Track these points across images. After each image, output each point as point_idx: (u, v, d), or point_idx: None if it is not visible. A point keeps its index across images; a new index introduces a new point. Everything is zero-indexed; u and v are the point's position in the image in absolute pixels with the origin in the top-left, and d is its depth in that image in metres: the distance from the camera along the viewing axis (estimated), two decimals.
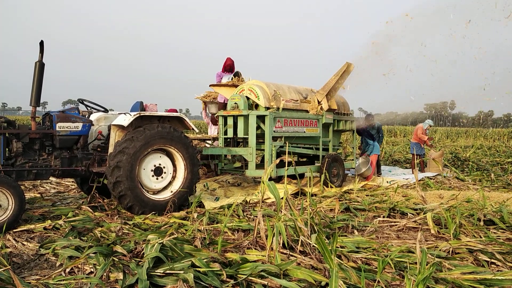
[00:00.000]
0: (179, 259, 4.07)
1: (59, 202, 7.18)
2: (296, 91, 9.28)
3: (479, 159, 16.43)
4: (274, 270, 3.82)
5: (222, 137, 8.83)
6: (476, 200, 7.05)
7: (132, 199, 6.11)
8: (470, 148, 22.60)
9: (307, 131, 9.10)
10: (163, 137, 6.39)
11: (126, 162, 6.03)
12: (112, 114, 6.93)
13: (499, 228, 5.75)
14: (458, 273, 3.94)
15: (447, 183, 10.15)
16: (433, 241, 5.17)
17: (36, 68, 5.85)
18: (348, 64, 9.13)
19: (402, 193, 8.32)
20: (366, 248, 4.73)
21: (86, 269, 4.00)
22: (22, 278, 3.78)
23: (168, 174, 6.63)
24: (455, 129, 49.02)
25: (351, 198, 7.93)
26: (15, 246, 4.75)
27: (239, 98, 8.47)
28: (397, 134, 44.63)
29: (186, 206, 6.70)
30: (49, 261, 4.34)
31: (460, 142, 33.37)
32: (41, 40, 5.87)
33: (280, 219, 4.82)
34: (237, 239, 5.04)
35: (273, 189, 4.82)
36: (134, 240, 4.81)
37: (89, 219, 5.75)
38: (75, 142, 6.37)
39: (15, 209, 5.30)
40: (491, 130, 43.14)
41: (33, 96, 5.86)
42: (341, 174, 9.43)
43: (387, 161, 15.85)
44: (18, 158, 5.94)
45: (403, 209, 6.70)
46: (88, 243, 4.60)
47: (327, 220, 5.84)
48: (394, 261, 4.20)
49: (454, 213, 5.77)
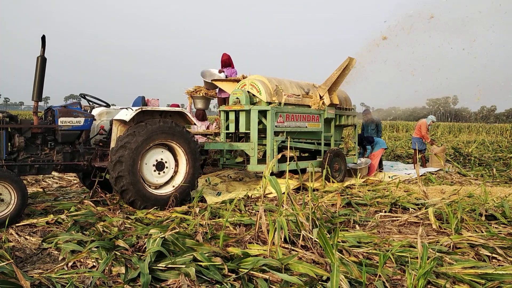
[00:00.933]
0: (181, 253, 4.09)
1: (61, 197, 7.21)
2: (298, 86, 9.26)
3: (481, 154, 16.40)
4: (276, 265, 3.83)
5: (224, 132, 8.83)
6: (477, 195, 7.05)
7: (134, 193, 6.12)
8: (473, 143, 22.55)
9: (309, 126, 9.09)
10: (164, 132, 6.39)
11: (128, 157, 6.04)
12: (114, 108, 6.94)
13: (501, 223, 5.75)
14: (459, 267, 3.94)
15: (449, 178, 10.14)
16: (435, 236, 5.18)
17: (38, 63, 5.86)
18: (350, 59, 9.09)
19: (403, 188, 8.32)
20: (367, 242, 4.74)
21: (89, 263, 4.02)
22: (25, 272, 3.80)
23: (170, 169, 6.64)
24: (457, 124, 48.90)
25: (353, 193, 7.94)
26: (18, 240, 4.78)
27: (241, 93, 8.46)
28: (399, 129, 44.53)
29: (188, 200, 6.72)
30: (51, 255, 4.36)
31: (463, 137, 33.29)
32: (43, 35, 5.88)
33: (281, 214, 4.83)
34: (239, 234, 5.05)
35: (275, 184, 4.83)
36: (136, 235, 4.83)
37: (91, 213, 5.77)
38: (77, 136, 6.38)
39: (17, 203, 5.32)
40: (496, 125, 43.02)
41: (35, 90, 5.86)
42: (342, 169, 9.42)
43: (389, 156, 15.83)
44: (21, 153, 5.95)
45: (404, 204, 6.70)
46: (90, 238, 4.62)
47: (328, 215, 5.85)
48: (395, 255, 4.21)
49: (456, 208, 5.77)
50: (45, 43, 5.87)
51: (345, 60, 9.07)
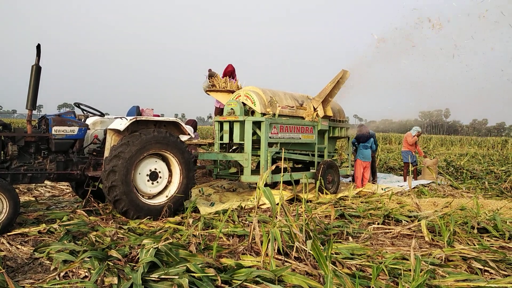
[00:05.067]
0: (174, 264, 4.07)
1: (53, 206, 7.16)
2: (292, 97, 9.32)
3: (473, 167, 16.53)
4: (269, 276, 3.83)
5: (218, 142, 8.84)
6: (470, 208, 7.10)
7: (127, 203, 6.10)
8: (465, 156, 22.73)
9: (302, 138, 9.13)
10: (159, 142, 6.39)
11: (122, 166, 6.02)
12: (108, 118, 6.93)
13: (493, 236, 5.79)
14: (452, 280, 3.96)
15: (441, 191, 10.20)
16: (427, 249, 5.20)
17: (32, 72, 5.86)
18: (344, 72, 9.18)
19: (396, 200, 8.35)
20: (360, 254, 4.75)
21: (81, 273, 3.99)
22: (16, 281, 3.76)
23: (163, 179, 6.63)
24: (449, 137, 49.29)
25: (346, 204, 7.95)
26: (9, 250, 4.73)
27: (235, 104, 8.50)
28: (392, 141, 44.79)
29: (181, 211, 6.70)
30: (43, 265, 4.32)
31: (455, 150, 33.55)
32: (38, 44, 5.88)
33: (275, 225, 4.83)
34: (232, 245, 5.04)
35: (269, 195, 4.84)
36: (129, 245, 4.80)
37: (84, 223, 5.73)
38: (70, 146, 6.36)
39: (9, 212, 5.28)
40: (488, 138, 43.35)
41: (29, 99, 5.86)
42: (336, 180, 9.46)
43: (382, 168, 15.92)
44: (13, 161, 5.92)
45: (397, 216, 6.73)
46: (82, 247, 4.59)
47: (322, 227, 5.86)
48: (389, 268, 4.22)
49: (448, 221, 5.81)
50: (40, 52, 5.87)
51: (339, 73, 9.16)
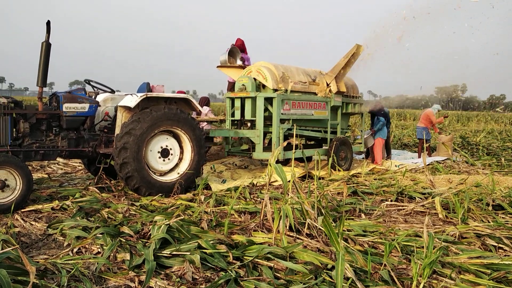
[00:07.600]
0: (186, 240, 4.08)
1: (66, 183, 7.23)
2: (304, 73, 9.16)
3: (490, 143, 16.23)
4: (281, 253, 3.82)
5: (229, 119, 8.78)
6: (485, 184, 6.98)
7: (139, 180, 6.12)
8: (481, 132, 22.35)
9: (315, 114, 9.02)
10: (169, 118, 6.36)
11: (133, 143, 6.02)
12: (119, 95, 6.90)
13: (508, 213, 5.69)
14: (465, 257, 3.91)
15: (456, 168, 10.06)
16: (441, 226, 5.14)
17: (42, 49, 5.83)
18: (357, 46, 8.97)
19: (410, 177, 8.26)
20: (373, 231, 4.71)
21: (93, 249, 4.03)
22: (31, 257, 3.81)
23: (175, 156, 6.62)
24: (466, 113, 48.47)
25: (359, 181, 7.89)
26: (23, 226, 4.80)
27: (246, 80, 8.39)
28: (407, 118, 44.21)
29: (193, 188, 6.71)
30: (56, 241, 4.37)
31: (471, 126, 33.02)
32: (47, 20, 5.83)
33: (287, 202, 4.80)
34: (244, 222, 5.04)
35: (280, 172, 4.79)
36: (141, 221, 4.83)
37: (96, 200, 5.78)
38: (81, 123, 6.37)
39: (23, 189, 5.35)
40: (505, 114, 42.48)
41: (40, 76, 5.84)
42: (349, 157, 9.37)
43: (396, 144, 15.74)
44: (26, 139, 5.95)
45: (411, 193, 6.66)
46: (95, 224, 4.63)
47: (334, 204, 5.81)
48: (401, 245, 4.18)
49: (463, 198, 5.72)
50: (50, 29, 5.82)
51: (353, 47, 8.96)
